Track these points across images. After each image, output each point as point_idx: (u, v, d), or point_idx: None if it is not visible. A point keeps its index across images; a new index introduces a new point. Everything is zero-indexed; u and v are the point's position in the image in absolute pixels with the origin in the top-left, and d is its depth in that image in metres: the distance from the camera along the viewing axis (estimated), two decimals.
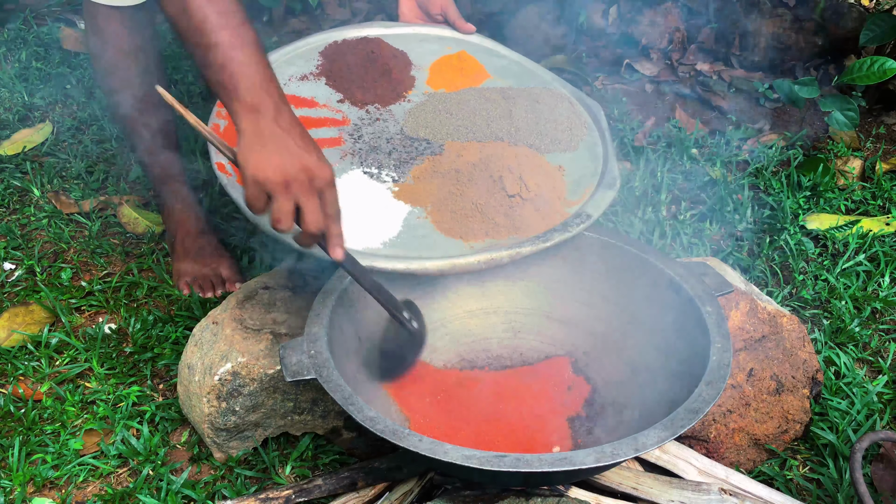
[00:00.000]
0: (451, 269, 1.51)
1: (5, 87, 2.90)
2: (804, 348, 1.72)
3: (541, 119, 1.81)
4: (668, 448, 1.57)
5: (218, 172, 1.61)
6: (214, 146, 1.33)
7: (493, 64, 1.99)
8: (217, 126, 1.70)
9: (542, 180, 1.67)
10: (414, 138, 1.76)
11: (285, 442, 1.71)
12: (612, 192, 1.68)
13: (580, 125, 1.83)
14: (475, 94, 1.86)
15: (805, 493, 1.63)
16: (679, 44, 3.05)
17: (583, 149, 1.79)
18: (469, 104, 1.82)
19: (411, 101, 1.86)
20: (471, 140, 1.75)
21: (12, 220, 2.33)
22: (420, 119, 1.80)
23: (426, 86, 1.91)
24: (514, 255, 1.54)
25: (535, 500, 1.35)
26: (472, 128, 1.77)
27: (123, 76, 1.94)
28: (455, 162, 1.69)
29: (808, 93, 2.56)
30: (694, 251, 2.20)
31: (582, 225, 1.61)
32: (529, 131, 1.78)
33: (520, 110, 1.81)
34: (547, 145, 1.76)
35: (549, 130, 1.79)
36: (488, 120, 1.79)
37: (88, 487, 1.65)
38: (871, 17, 2.63)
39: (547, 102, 1.85)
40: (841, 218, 2.30)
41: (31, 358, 1.91)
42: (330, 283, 1.54)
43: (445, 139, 1.75)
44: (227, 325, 1.66)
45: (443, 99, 1.85)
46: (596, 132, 1.83)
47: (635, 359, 1.62)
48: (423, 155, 1.71)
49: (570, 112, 1.85)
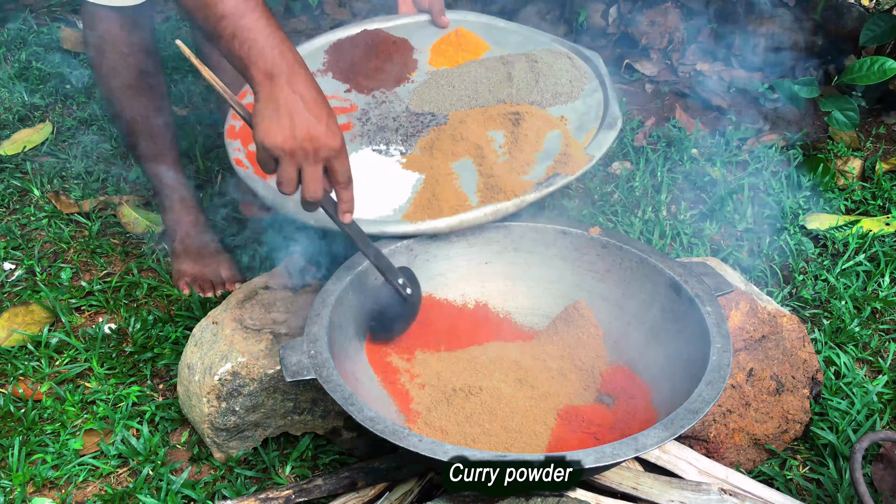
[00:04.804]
0: (459, 224, 1.57)
1: (5, 87, 2.90)
2: (804, 348, 1.72)
3: (540, 77, 1.87)
4: (668, 448, 1.57)
5: (236, 167, 1.69)
6: (231, 106, 1.37)
7: (492, 35, 2.07)
8: (233, 127, 1.78)
9: (542, 129, 1.75)
10: (419, 113, 1.83)
11: (285, 442, 1.71)
12: (614, 131, 1.74)
13: (580, 76, 1.90)
14: (475, 65, 1.94)
15: (805, 493, 1.63)
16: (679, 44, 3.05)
17: (584, 97, 1.86)
18: (470, 75, 1.90)
19: (415, 82, 1.93)
20: (473, 107, 1.83)
21: (12, 220, 2.33)
22: (424, 95, 1.88)
23: (428, 66, 1.98)
24: (520, 203, 1.59)
25: (535, 500, 1.35)
26: (475, 95, 1.85)
27: (123, 77, 1.94)
28: (457, 128, 1.76)
29: (808, 93, 2.56)
30: (694, 251, 2.20)
31: (587, 166, 1.66)
32: (529, 90, 1.85)
33: (519, 72, 1.88)
34: (548, 100, 1.84)
35: (550, 86, 1.86)
36: (489, 86, 1.86)
37: (88, 487, 1.65)
38: (871, 17, 2.63)
39: (546, 60, 1.92)
40: (841, 218, 2.30)
41: (31, 358, 1.91)
42: (330, 283, 1.54)
43: (449, 110, 1.83)
44: (227, 325, 1.66)
45: (445, 74, 1.92)
46: (596, 80, 1.90)
47: (635, 359, 1.62)
48: (428, 127, 1.79)
49: (570, 66, 1.92)
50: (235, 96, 1.37)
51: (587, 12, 3.11)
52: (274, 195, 1.64)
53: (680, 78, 3.00)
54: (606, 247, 1.67)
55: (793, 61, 2.88)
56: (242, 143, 1.77)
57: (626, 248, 1.65)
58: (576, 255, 1.70)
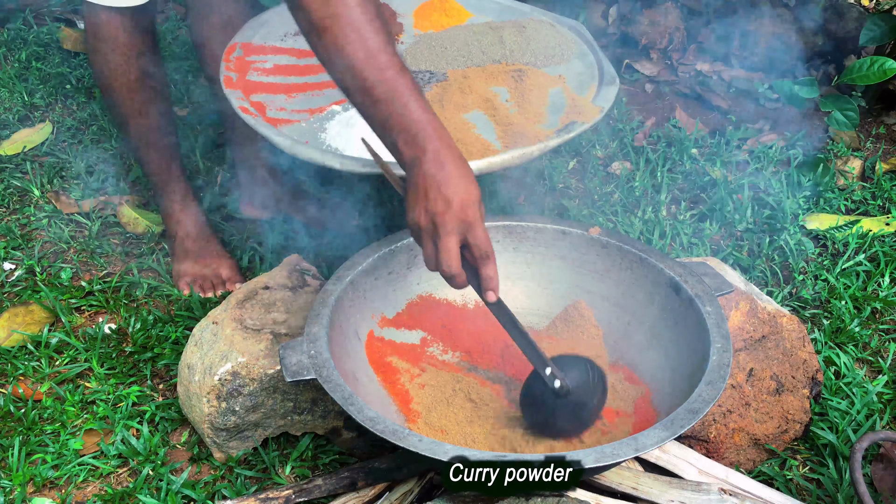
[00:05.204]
0: (488, 167, 1.58)
1: (5, 87, 2.90)
2: (804, 348, 1.72)
3: (531, 41, 1.93)
4: (668, 448, 1.57)
5: (243, 115, 1.68)
6: (395, 187, 1.43)
7: (471, 3, 2.13)
8: (229, 78, 1.79)
9: (545, 85, 1.80)
10: (416, 71, 1.87)
11: (285, 442, 1.71)
12: (615, 87, 1.81)
13: (567, 41, 1.97)
14: (463, 29, 2.00)
15: (805, 493, 1.63)
16: (679, 44, 3.05)
17: (575, 59, 1.93)
18: (461, 38, 1.95)
19: (405, 44, 1.97)
20: (470, 66, 1.88)
21: (12, 220, 2.33)
22: (418, 54, 1.92)
23: (414, 30, 2.03)
24: (543, 148, 1.62)
25: (535, 500, 1.35)
26: (469, 55, 1.90)
27: (123, 77, 1.93)
28: (462, 83, 1.80)
29: (808, 93, 2.56)
30: (694, 251, 2.20)
31: (599, 115, 1.71)
32: (522, 52, 1.91)
33: (509, 36, 1.94)
34: (542, 61, 1.90)
35: (541, 49, 1.92)
36: (482, 48, 1.91)
37: (88, 487, 1.65)
38: (871, 17, 2.63)
39: (532, 27, 1.98)
40: (841, 218, 2.30)
41: (31, 358, 1.91)
42: (330, 283, 1.54)
43: (446, 68, 1.87)
44: (227, 325, 1.66)
45: (435, 37, 1.97)
46: (584, 45, 1.97)
47: (635, 359, 1.62)
48: (429, 83, 1.82)
49: (555, 32, 1.99)
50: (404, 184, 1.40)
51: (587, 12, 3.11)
52: (291, 143, 1.62)
53: (680, 78, 3.00)
54: (606, 247, 1.67)
55: (793, 61, 2.88)
56: (244, 93, 1.76)
57: (625, 248, 1.65)
58: (576, 255, 1.70)
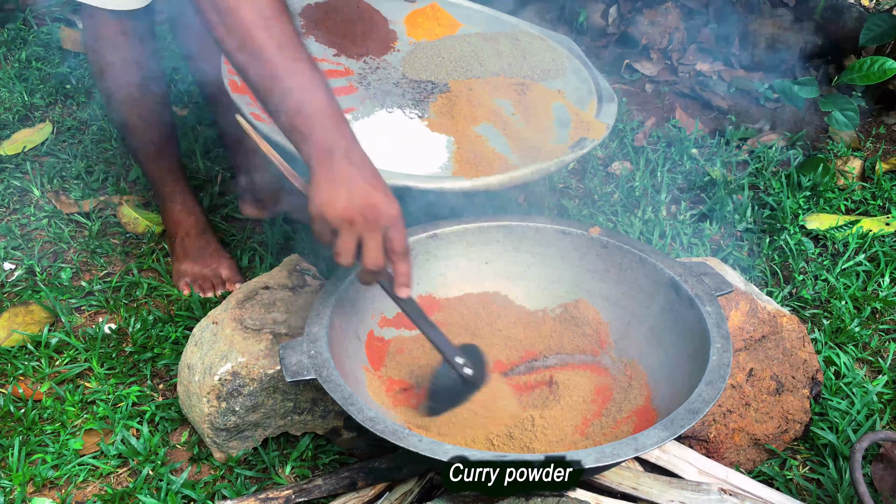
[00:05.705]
0: (509, 181, 1.59)
1: (5, 87, 2.90)
2: (804, 348, 1.72)
3: (527, 54, 1.93)
4: (668, 448, 1.57)
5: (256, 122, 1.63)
6: (287, 177, 1.38)
7: (460, 14, 2.11)
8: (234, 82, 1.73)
9: (547, 99, 1.80)
10: (417, 80, 1.85)
11: (285, 442, 1.71)
12: (615, 104, 1.82)
13: (560, 56, 1.96)
14: (458, 39, 1.98)
15: (805, 493, 1.63)
16: (679, 44, 3.05)
17: (570, 74, 1.92)
18: (457, 48, 1.93)
19: (401, 51, 1.95)
20: (470, 77, 1.86)
21: (12, 220, 2.33)
22: (417, 64, 1.90)
23: (408, 37, 2.01)
24: (560, 164, 1.64)
25: (535, 500, 1.35)
26: (469, 66, 1.89)
27: (123, 78, 1.93)
28: (468, 95, 1.79)
29: (808, 93, 2.56)
30: (694, 251, 2.20)
31: (606, 131, 1.72)
32: (520, 65, 1.90)
33: (505, 48, 1.93)
34: (539, 75, 1.89)
35: (537, 63, 1.91)
36: (480, 59, 1.90)
37: (88, 487, 1.65)
38: (871, 17, 2.63)
39: (525, 41, 1.98)
40: (841, 218, 2.30)
41: (31, 358, 1.91)
42: (330, 283, 1.54)
43: (447, 79, 1.86)
44: (227, 325, 1.66)
45: (431, 46, 1.96)
46: (576, 60, 1.96)
47: (635, 359, 1.62)
48: (433, 94, 1.82)
49: (547, 46, 1.98)
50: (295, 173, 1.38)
51: (587, 12, 3.11)
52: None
53: (680, 78, 3.00)
54: (606, 247, 1.67)
55: (793, 61, 2.88)
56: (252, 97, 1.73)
57: (625, 248, 1.65)
58: (576, 255, 1.70)
